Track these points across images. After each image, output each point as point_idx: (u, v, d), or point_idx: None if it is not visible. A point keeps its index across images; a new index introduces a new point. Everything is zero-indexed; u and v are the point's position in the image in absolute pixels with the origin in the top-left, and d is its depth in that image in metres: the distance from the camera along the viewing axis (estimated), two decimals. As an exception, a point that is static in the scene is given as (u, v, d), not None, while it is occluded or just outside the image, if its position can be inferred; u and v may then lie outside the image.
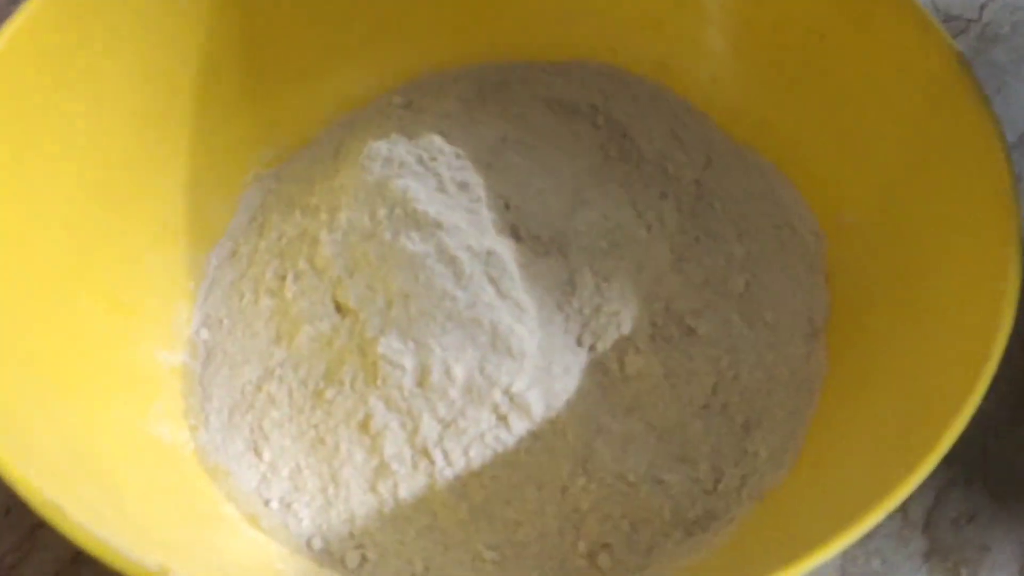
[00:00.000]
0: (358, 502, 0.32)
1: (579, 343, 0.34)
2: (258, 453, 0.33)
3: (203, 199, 0.37)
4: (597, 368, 0.34)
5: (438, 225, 0.34)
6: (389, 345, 0.33)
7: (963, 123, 0.31)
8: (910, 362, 0.30)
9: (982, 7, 0.51)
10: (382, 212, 0.34)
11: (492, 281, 0.33)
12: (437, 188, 0.35)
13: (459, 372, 0.32)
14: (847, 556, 0.34)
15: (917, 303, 0.31)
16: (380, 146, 0.36)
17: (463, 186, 0.35)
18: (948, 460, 0.36)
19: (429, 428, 0.32)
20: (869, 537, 0.35)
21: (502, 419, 0.32)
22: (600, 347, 0.34)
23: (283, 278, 0.36)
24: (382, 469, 0.32)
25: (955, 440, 0.25)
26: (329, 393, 0.33)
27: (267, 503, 0.33)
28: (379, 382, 0.33)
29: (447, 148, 0.36)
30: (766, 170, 0.37)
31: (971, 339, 0.28)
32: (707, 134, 0.38)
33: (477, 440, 0.32)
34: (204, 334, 0.36)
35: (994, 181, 0.30)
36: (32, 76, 0.31)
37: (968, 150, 0.31)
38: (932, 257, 0.31)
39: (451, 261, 0.33)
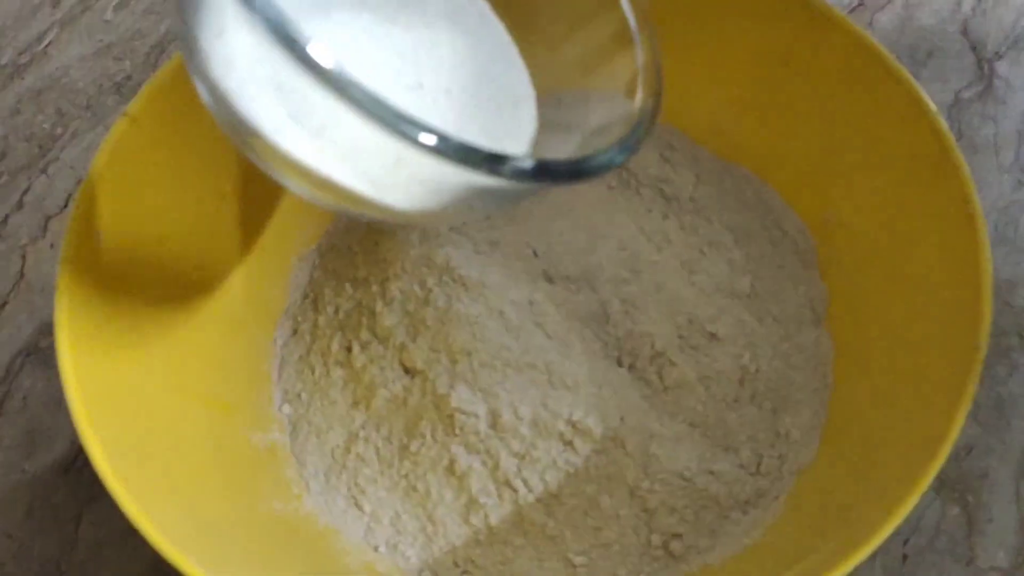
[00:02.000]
0: (455, 535, 0.37)
1: (620, 364, 0.39)
2: (359, 507, 0.38)
3: (259, 287, 0.41)
4: (640, 383, 0.39)
5: (483, 285, 0.38)
6: (460, 398, 0.37)
7: (912, 125, 0.36)
8: (905, 341, 0.35)
9: (903, -27, 0.56)
10: (431, 280, 0.39)
11: (539, 326, 0.38)
12: (474, 250, 0.39)
13: (525, 411, 0.37)
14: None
15: (903, 285, 0.36)
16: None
17: (494, 244, 0.40)
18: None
19: (507, 463, 0.37)
20: (887, 481, 0.41)
21: (568, 445, 0.37)
22: (639, 365, 0.39)
23: (348, 349, 0.40)
24: (472, 504, 0.37)
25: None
26: (413, 446, 0.38)
27: (376, 549, 0.38)
28: (457, 431, 0.37)
29: (473, 210, 0.40)
30: (751, 180, 0.42)
31: (959, 311, 0.33)
32: (694, 153, 0.43)
33: (550, 466, 0.37)
34: (287, 409, 0.40)
35: (948, 168, 0.35)
36: (108, 215, 0.35)
37: (920, 147, 0.36)
38: (909, 241, 0.37)
39: (500, 316, 0.38)
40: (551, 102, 0.32)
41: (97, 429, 0.32)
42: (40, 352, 0.44)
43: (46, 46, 0.55)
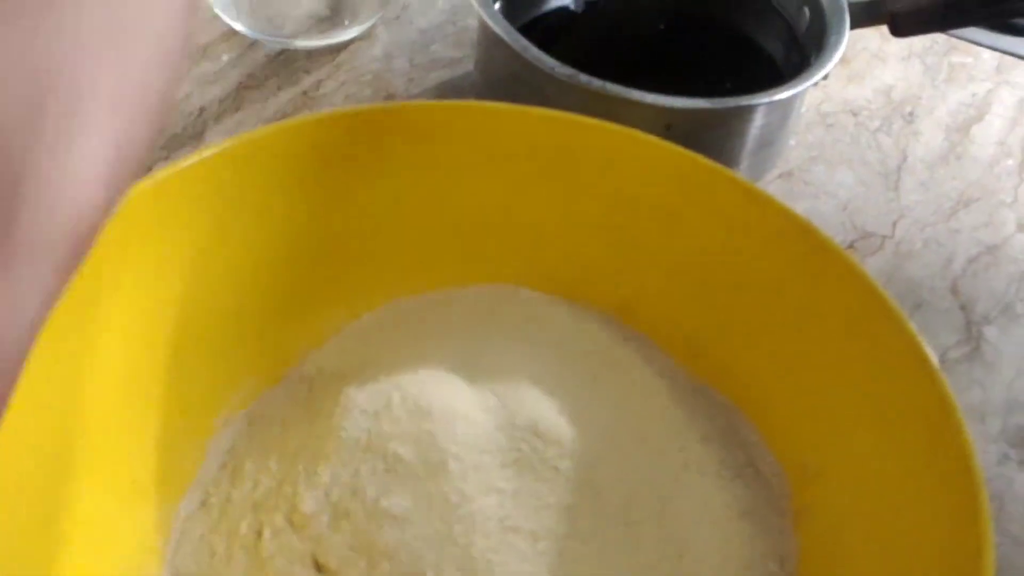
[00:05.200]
0: None
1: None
2: None
3: (172, 448, 0.37)
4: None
5: (426, 477, 0.34)
6: (374, 611, 0.32)
7: (909, 377, 0.34)
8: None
9: (894, 223, 0.55)
10: (365, 468, 0.34)
11: (486, 534, 0.33)
12: (426, 434, 0.35)
13: (449, 637, 0.32)
14: None
15: (889, 556, 0.32)
16: (358, 396, 0.36)
17: (450, 417, 0.36)
18: None
19: None
20: None
21: None
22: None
23: (259, 533, 0.35)
24: None
25: None
26: (311, 660, 0.33)
27: None
28: (366, 650, 0.32)
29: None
30: (727, 409, 0.39)
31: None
32: (669, 371, 0.40)
33: None
34: (174, 595, 0.35)
35: (947, 432, 0.32)
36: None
37: (916, 402, 0.33)
38: (897, 507, 0.33)
39: (440, 516, 0.33)
40: None
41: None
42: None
43: None
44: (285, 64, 0.59)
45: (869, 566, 0.33)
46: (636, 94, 0.46)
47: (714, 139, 0.49)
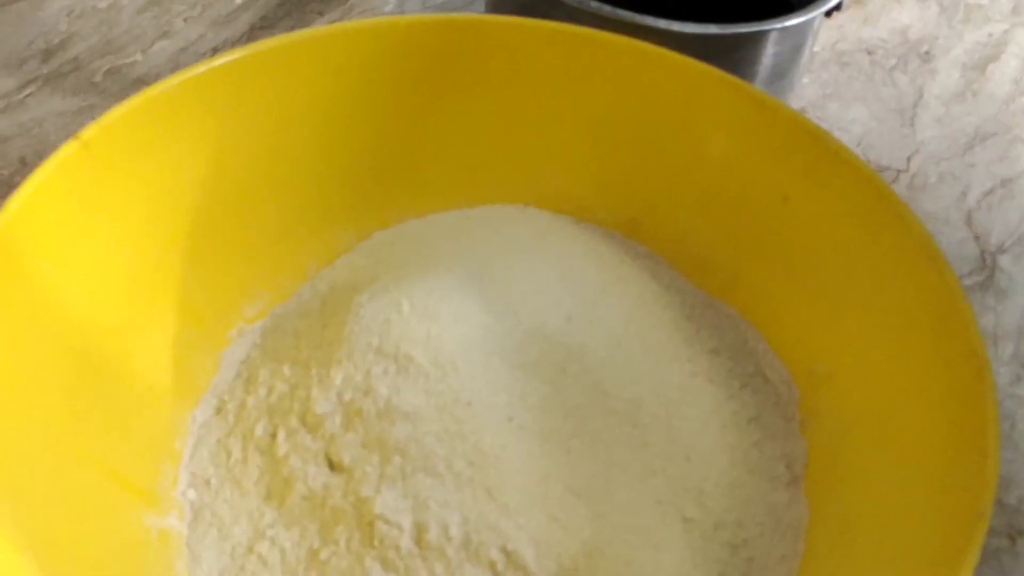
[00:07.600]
0: (356, 664, 0.32)
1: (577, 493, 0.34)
2: (251, 618, 0.33)
3: (187, 356, 0.37)
4: (595, 519, 0.34)
5: (436, 377, 0.34)
6: (385, 504, 0.33)
7: (919, 272, 0.34)
8: (894, 511, 0.31)
9: (909, 158, 0.55)
10: (376, 369, 0.35)
11: (496, 432, 0.34)
12: (436, 336, 0.36)
13: (456, 530, 0.32)
14: None
15: (896, 446, 0.33)
16: (370, 304, 0.37)
17: (460, 319, 0.36)
18: None
19: (428, 587, 0.32)
20: None
21: (500, 576, 0.32)
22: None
23: (273, 435, 0.36)
24: (379, 630, 0.32)
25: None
26: (324, 553, 0.33)
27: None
28: (376, 542, 0.32)
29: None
30: (736, 321, 0.39)
31: (960, 476, 0.29)
32: (678, 285, 0.40)
33: (475, 598, 0.32)
34: (191, 495, 0.35)
35: (956, 318, 0.32)
36: (31, 249, 0.32)
37: (925, 299, 0.33)
38: (905, 399, 0.33)
39: (450, 414, 0.34)
40: None
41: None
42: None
43: (25, 96, 0.53)
44: (298, 6, 0.60)
45: (876, 465, 0.33)
46: (648, 20, 0.45)
47: (725, 67, 0.49)
